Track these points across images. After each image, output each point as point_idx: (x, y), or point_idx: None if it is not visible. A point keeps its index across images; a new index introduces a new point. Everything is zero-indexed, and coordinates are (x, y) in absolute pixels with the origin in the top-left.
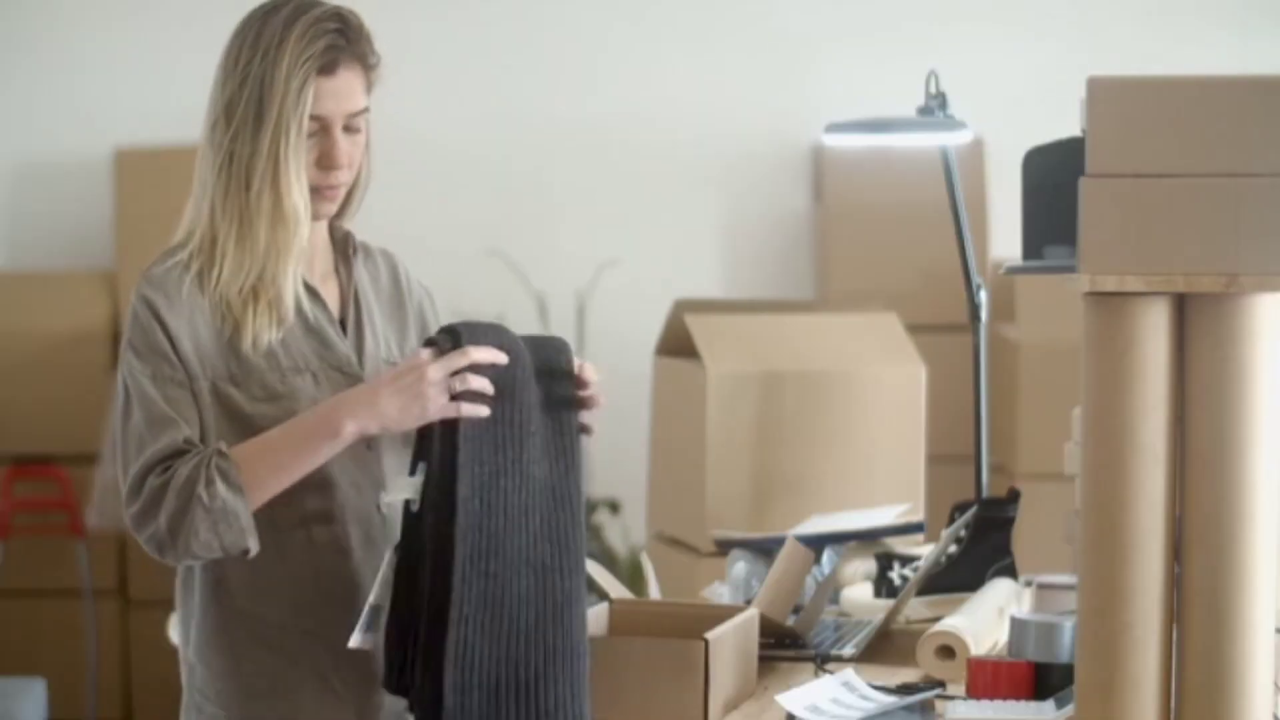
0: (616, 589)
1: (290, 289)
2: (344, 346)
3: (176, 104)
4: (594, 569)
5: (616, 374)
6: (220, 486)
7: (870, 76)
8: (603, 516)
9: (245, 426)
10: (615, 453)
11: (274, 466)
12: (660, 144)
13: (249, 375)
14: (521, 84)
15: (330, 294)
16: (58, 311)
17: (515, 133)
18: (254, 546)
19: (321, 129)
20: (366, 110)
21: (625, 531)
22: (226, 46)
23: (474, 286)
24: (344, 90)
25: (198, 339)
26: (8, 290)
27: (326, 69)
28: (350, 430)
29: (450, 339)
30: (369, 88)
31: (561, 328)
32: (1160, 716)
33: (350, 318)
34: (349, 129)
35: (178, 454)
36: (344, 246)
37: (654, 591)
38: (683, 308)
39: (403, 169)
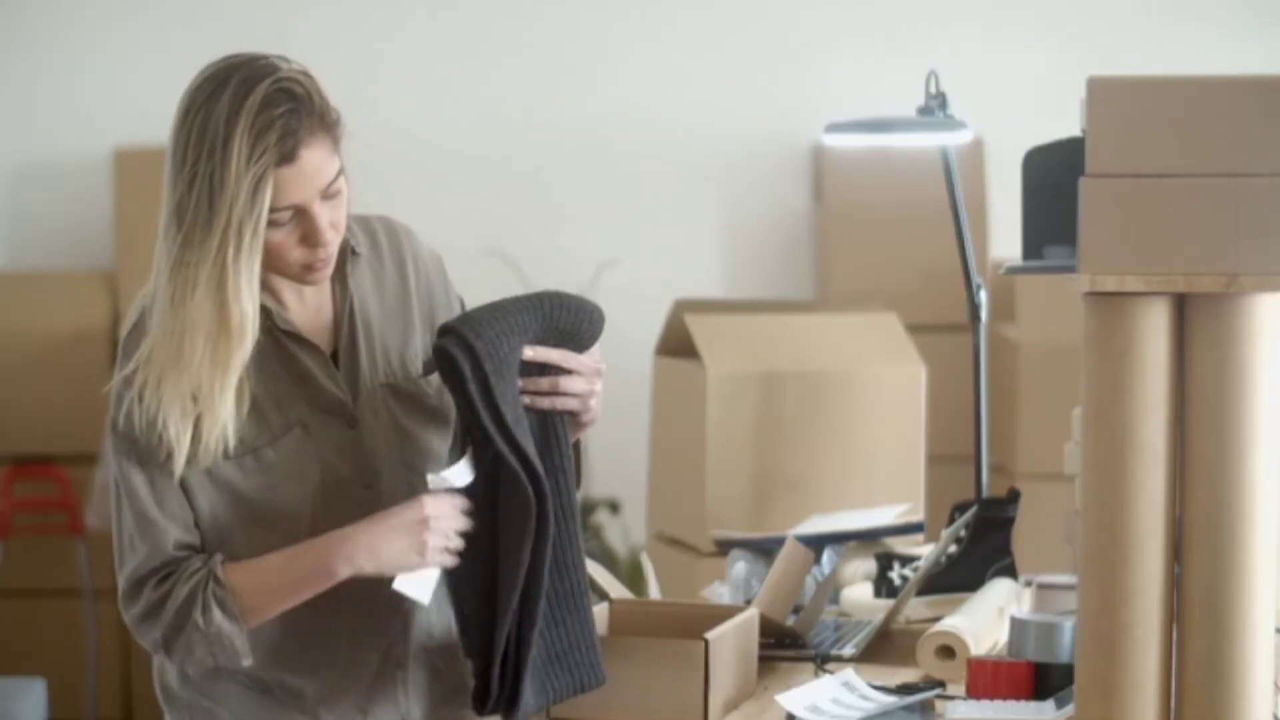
0: (616, 589)
1: (224, 411)
2: (335, 388)
3: (176, 104)
4: (594, 569)
5: (616, 374)
6: (216, 613)
7: (870, 76)
8: (603, 516)
9: (241, 503)
10: (615, 453)
11: (269, 597)
12: (660, 144)
13: (238, 445)
14: (521, 84)
15: (323, 321)
16: (58, 311)
17: (515, 132)
18: (248, 662)
19: (298, 212)
20: (341, 170)
21: (625, 531)
22: (173, 134)
23: (474, 286)
24: (311, 170)
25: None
26: (8, 290)
27: (286, 159)
28: (345, 574)
29: (460, 350)
30: (337, 145)
31: None
32: (1160, 716)
33: (344, 343)
34: (328, 197)
35: (171, 562)
36: (341, 258)
37: (654, 591)
38: (683, 308)
39: (402, 168)
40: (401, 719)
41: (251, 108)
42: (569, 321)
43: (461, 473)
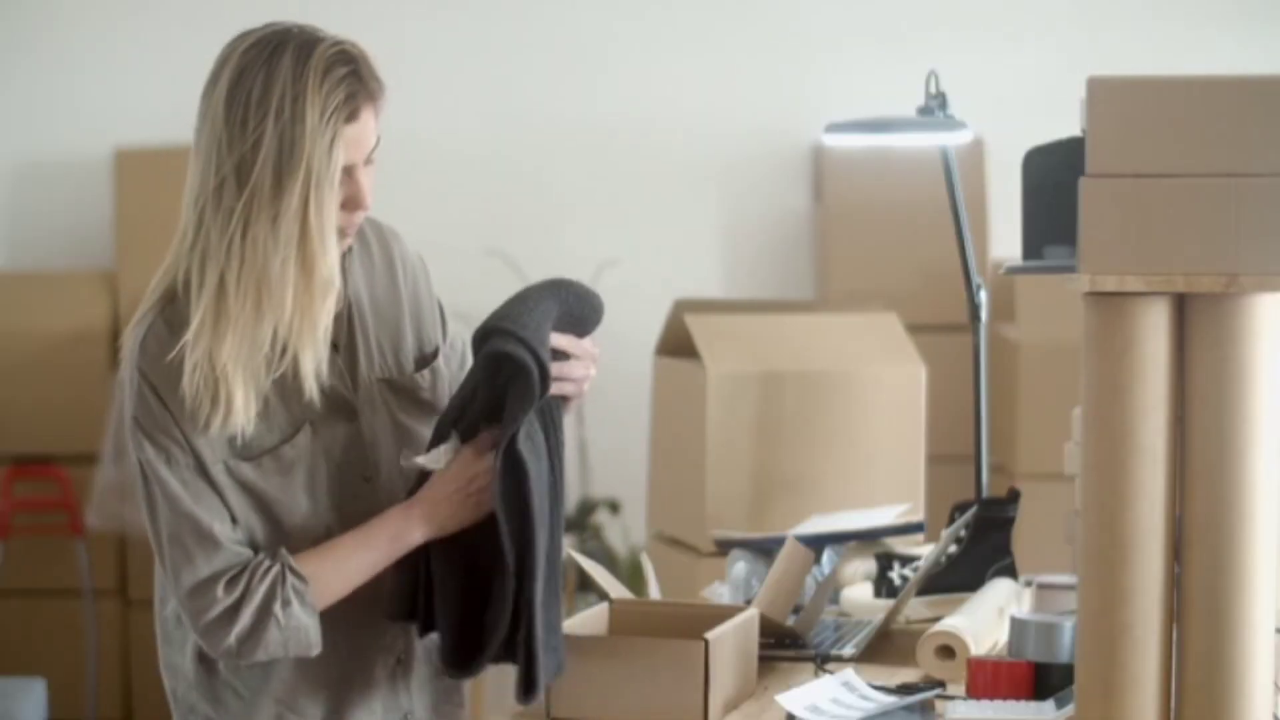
0: (616, 589)
1: (313, 364)
2: (340, 384)
3: (176, 104)
4: (594, 569)
5: (616, 374)
6: (295, 608)
7: (870, 76)
8: (603, 516)
9: (259, 502)
10: (615, 453)
11: (345, 580)
12: (660, 144)
13: (252, 446)
14: (522, 84)
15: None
16: (58, 311)
17: (516, 133)
18: (318, 649)
19: (346, 173)
20: (379, 138)
21: (625, 531)
22: (223, 97)
23: (474, 286)
24: (365, 133)
25: (180, 421)
26: (8, 290)
27: (351, 117)
28: (421, 540)
29: (529, 356)
30: (379, 113)
31: None
32: (1160, 716)
33: (344, 339)
34: (369, 162)
35: (236, 562)
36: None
37: (654, 591)
38: (683, 308)
39: (403, 169)
40: (404, 716)
41: (317, 68)
42: (579, 309)
43: (438, 459)
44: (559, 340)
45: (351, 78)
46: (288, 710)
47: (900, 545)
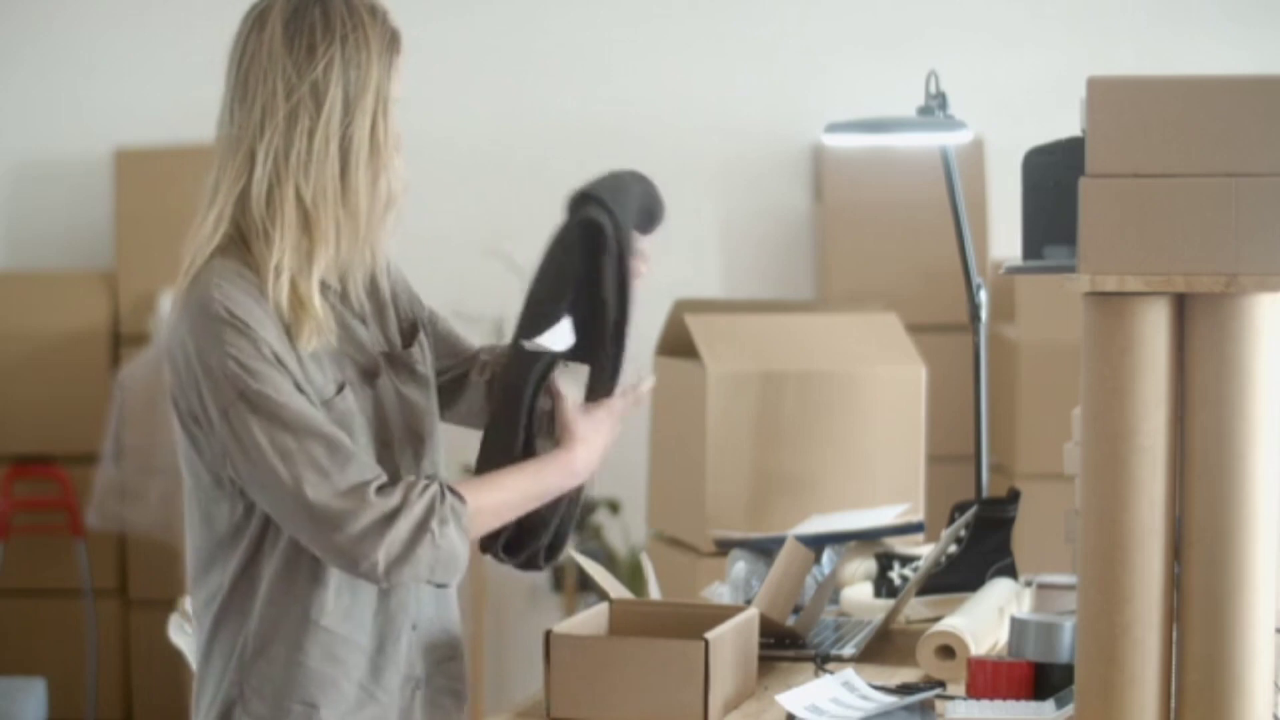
0: (616, 589)
1: (364, 279)
2: (358, 353)
3: (176, 104)
4: (594, 569)
5: None
6: (451, 529)
7: (870, 76)
8: (603, 516)
9: None
10: (615, 453)
11: (496, 518)
12: (660, 144)
13: (314, 392)
14: (522, 84)
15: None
16: (58, 311)
17: (516, 133)
18: (460, 576)
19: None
20: None
21: (625, 531)
22: (278, 34)
23: (474, 286)
24: (403, 70)
25: (283, 358)
26: (8, 290)
27: (398, 50)
28: (587, 476)
29: (607, 219)
30: None
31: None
32: (1160, 716)
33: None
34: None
35: (379, 476)
36: None
37: (654, 591)
38: (683, 308)
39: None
40: (416, 681)
41: (364, 6)
42: (652, 206)
43: (563, 336)
44: (643, 244)
45: (388, 16)
46: (332, 670)
47: (900, 545)
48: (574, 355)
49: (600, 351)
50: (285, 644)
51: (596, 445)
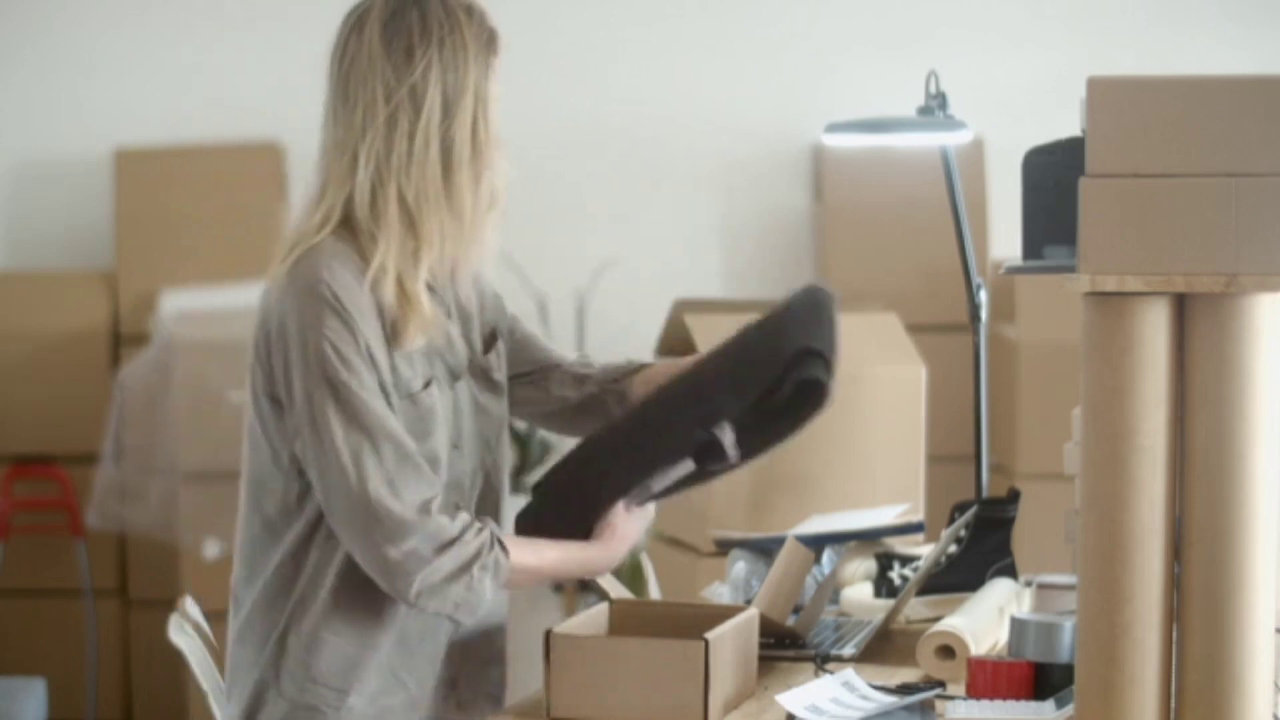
0: (616, 589)
1: (470, 278)
2: (459, 348)
3: (176, 104)
4: None
5: None
6: (488, 579)
7: (870, 76)
8: None
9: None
10: None
11: (530, 581)
12: (660, 144)
13: (400, 385)
14: (522, 85)
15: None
16: (58, 311)
17: (516, 133)
18: (469, 624)
19: None
20: None
21: None
22: (377, 37)
23: None
24: (498, 70)
25: (375, 354)
26: (8, 290)
27: (495, 51)
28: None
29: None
30: None
31: (561, 328)
32: (1160, 716)
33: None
34: None
35: (437, 494)
36: None
37: (654, 591)
38: (683, 308)
39: None
40: (440, 674)
41: (461, 8)
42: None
43: (727, 445)
44: None
45: (485, 16)
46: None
47: (900, 545)
48: (703, 458)
49: (717, 466)
50: (324, 628)
51: (629, 544)
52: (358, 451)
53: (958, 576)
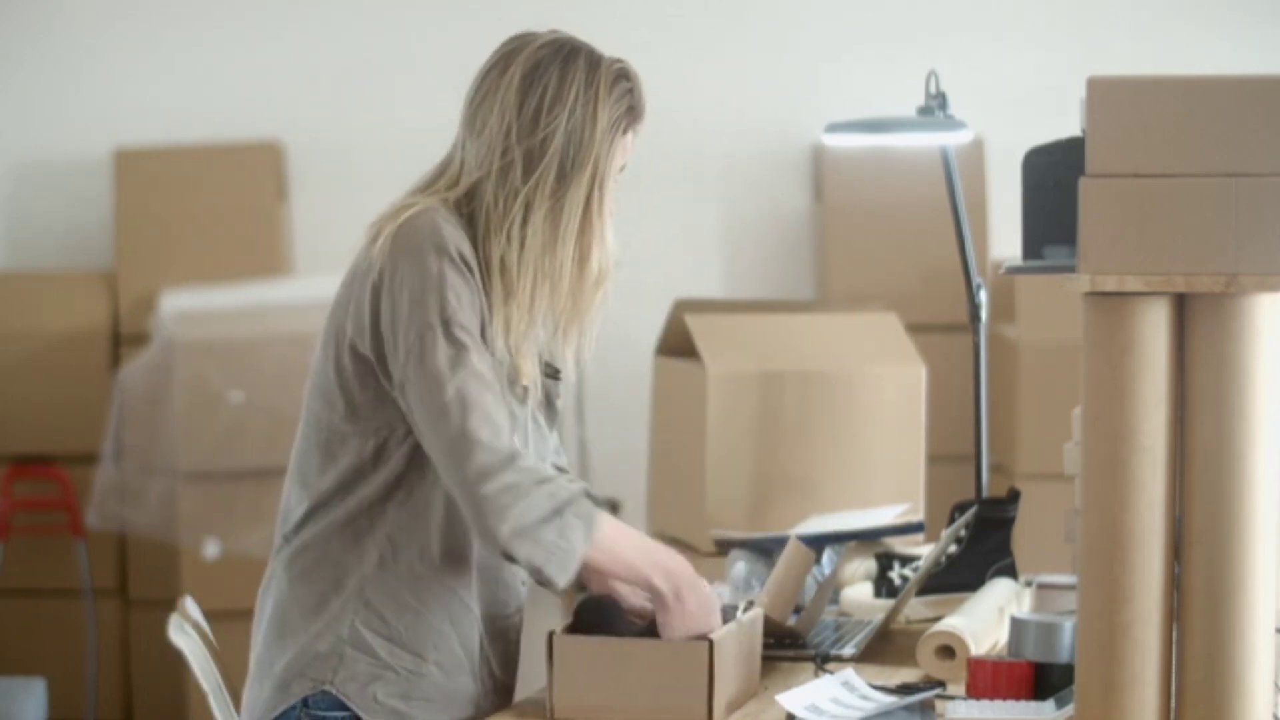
0: None
1: (574, 352)
2: (535, 366)
3: (176, 104)
4: None
5: (616, 374)
6: (580, 529)
7: (870, 76)
8: None
9: None
10: (615, 453)
11: (609, 556)
12: (660, 144)
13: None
14: None
15: None
16: (58, 311)
17: None
18: (562, 585)
19: None
20: None
21: None
22: (514, 87)
23: None
24: (629, 148)
25: (483, 314)
26: (8, 290)
27: (629, 128)
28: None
29: None
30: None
31: None
32: (1160, 716)
33: None
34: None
35: (524, 453)
36: None
37: None
38: (683, 308)
39: (405, 168)
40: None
41: (606, 78)
42: None
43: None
44: None
45: (631, 94)
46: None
47: (900, 545)
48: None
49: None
50: (408, 593)
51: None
52: (463, 389)
53: (958, 576)
